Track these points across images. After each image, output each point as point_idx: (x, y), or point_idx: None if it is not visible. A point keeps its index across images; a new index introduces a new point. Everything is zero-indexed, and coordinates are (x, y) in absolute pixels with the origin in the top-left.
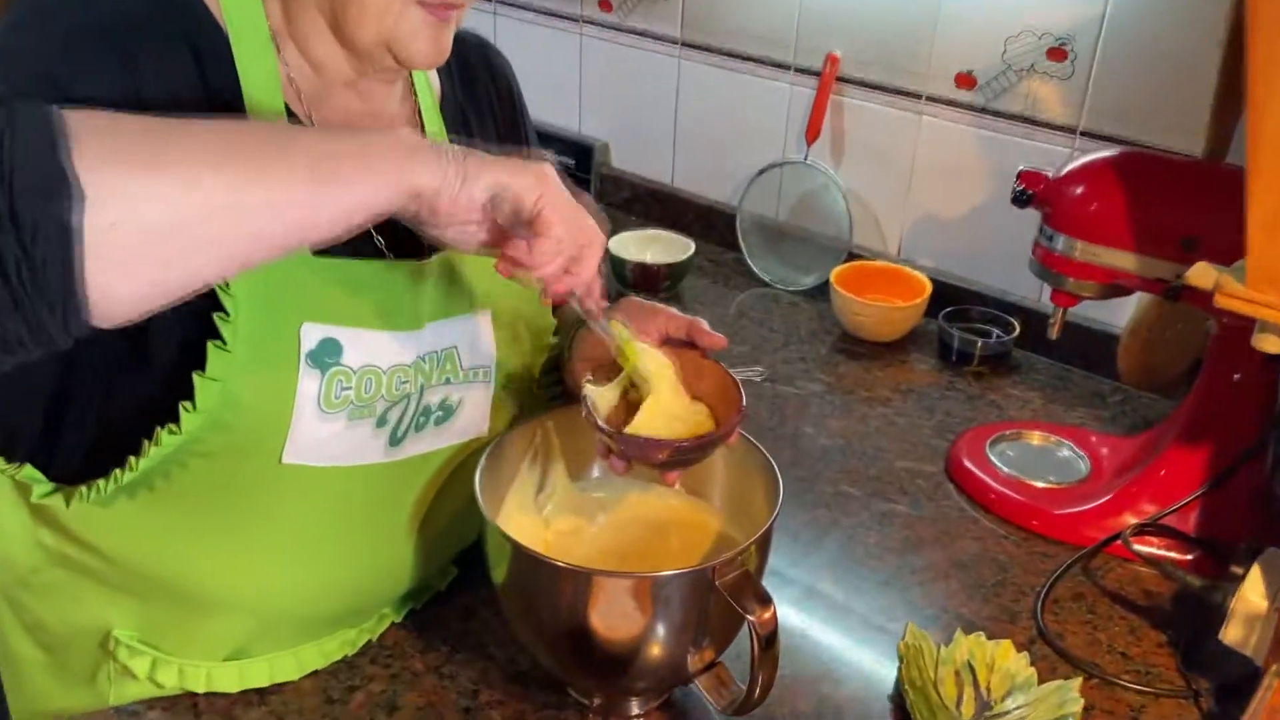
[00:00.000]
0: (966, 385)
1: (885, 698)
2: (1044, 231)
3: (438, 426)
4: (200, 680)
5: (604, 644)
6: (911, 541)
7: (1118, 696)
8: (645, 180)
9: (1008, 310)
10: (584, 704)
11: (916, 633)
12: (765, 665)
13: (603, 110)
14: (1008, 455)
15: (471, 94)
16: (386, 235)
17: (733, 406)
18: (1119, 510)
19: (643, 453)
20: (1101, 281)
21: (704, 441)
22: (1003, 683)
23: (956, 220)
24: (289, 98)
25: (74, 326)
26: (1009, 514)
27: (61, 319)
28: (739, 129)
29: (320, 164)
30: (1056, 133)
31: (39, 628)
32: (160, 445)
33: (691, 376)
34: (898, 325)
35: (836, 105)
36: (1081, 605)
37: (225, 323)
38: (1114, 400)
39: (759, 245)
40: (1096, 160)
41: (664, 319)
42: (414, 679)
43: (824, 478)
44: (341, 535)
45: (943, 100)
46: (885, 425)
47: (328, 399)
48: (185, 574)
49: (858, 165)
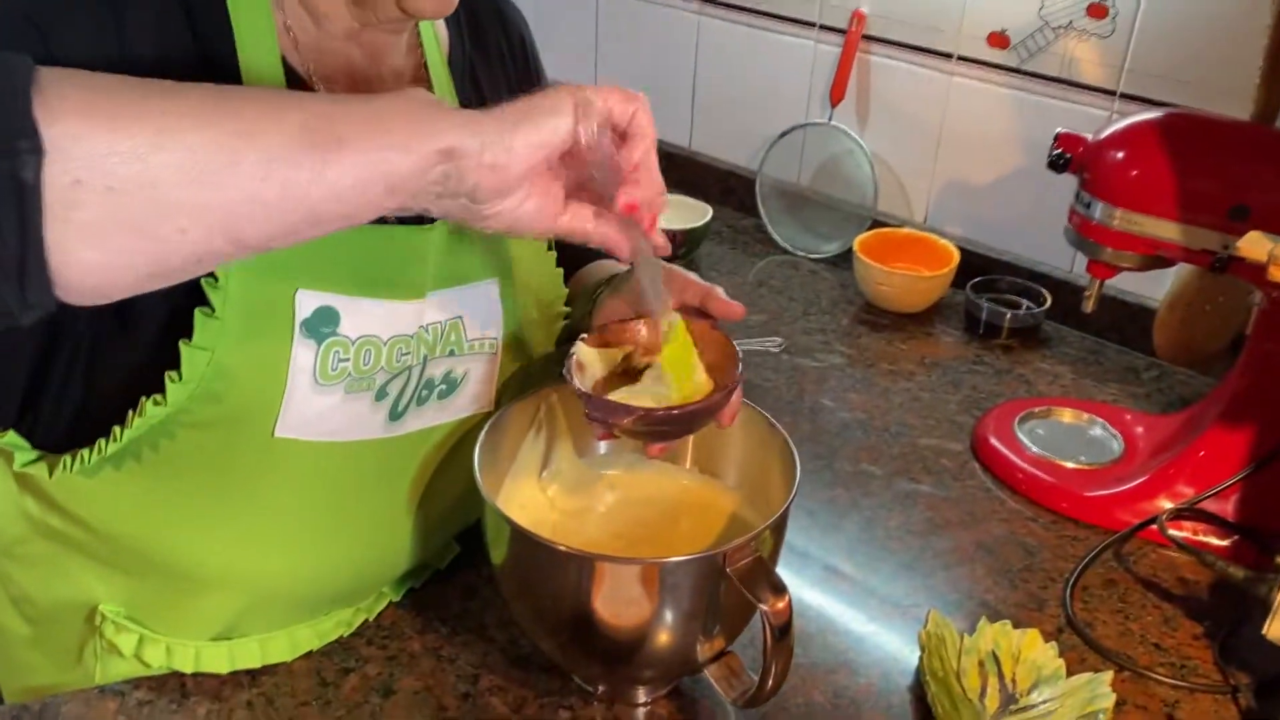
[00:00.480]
0: (994, 359)
1: (905, 689)
2: (1081, 198)
3: (440, 401)
4: (189, 660)
5: (608, 632)
6: (935, 523)
7: (1151, 691)
8: (662, 143)
9: (1038, 281)
10: (588, 691)
11: (939, 620)
12: (779, 656)
13: (619, 70)
14: (1037, 433)
15: (482, 47)
16: None
17: (725, 382)
18: (1154, 493)
19: (607, 416)
20: (1142, 252)
21: (678, 414)
22: (1029, 674)
23: (986, 187)
24: (285, 49)
25: (35, 297)
26: (1037, 495)
27: (18, 287)
28: (760, 90)
29: (319, 121)
30: (1094, 95)
31: (25, 600)
32: (145, 416)
33: (700, 348)
34: (923, 295)
35: (863, 65)
36: (1113, 593)
37: (214, 288)
38: (1149, 376)
39: (779, 211)
40: (1140, 122)
41: (680, 284)
42: (411, 661)
43: (843, 455)
44: (338, 513)
45: (974, 60)
46: (909, 400)
47: (323, 371)
48: (173, 549)
49: (884, 128)
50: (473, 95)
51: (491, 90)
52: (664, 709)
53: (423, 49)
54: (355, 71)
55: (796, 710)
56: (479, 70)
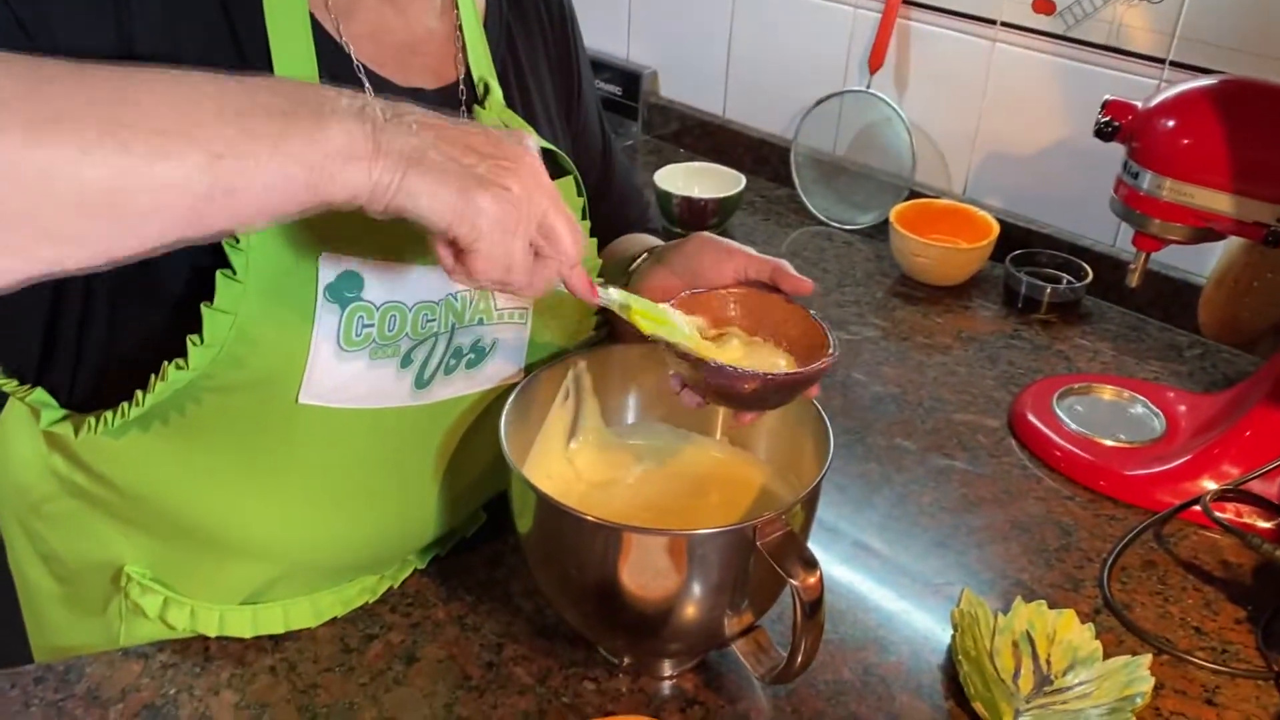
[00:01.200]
0: (1033, 334)
1: (936, 668)
2: (1129, 168)
3: (469, 370)
4: (213, 623)
5: (635, 604)
6: (969, 500)
7: (1190, 675)
8: (695, 110)
9: (1079, 255)
10: (613, 663)
11: (972, 599)
12: (809, 632)
13: (652, 36)
14: (1076, 410)
15: (519, 11)
16: None
17: (819, 353)
18: (1197, 473)
19: (730, 383)
20: (1191, 224)
21: (794, 378)
22: (1064, 656)
23: (1028, 157)
24: (314, 6)
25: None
26: (1075, 474)
27: None
28: (797, 57)
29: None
30: (1142, 63)
31: (53, 558)
32: (167, 380)
33: (776, 322)
34: (961, 268)
35: (903, 31)
36: (1152, 575)
37: (236, 251)
38: (1192, 354)
39: (814, 181)
40: (1193, 89)
41: (742, 260)
42: (435, 629)
43: (876, 429)
44: (365, 481)
45: (1018, 27)
46: (944, 375)
47: (347, 336)
48: (198, 513)
49: (924, 96)
50: (509, 59)
51: (529, 55)
52: (690, 682)
53: (458, 10)
54: (386, 32)
55: (825, 687)
56: (516, 34)
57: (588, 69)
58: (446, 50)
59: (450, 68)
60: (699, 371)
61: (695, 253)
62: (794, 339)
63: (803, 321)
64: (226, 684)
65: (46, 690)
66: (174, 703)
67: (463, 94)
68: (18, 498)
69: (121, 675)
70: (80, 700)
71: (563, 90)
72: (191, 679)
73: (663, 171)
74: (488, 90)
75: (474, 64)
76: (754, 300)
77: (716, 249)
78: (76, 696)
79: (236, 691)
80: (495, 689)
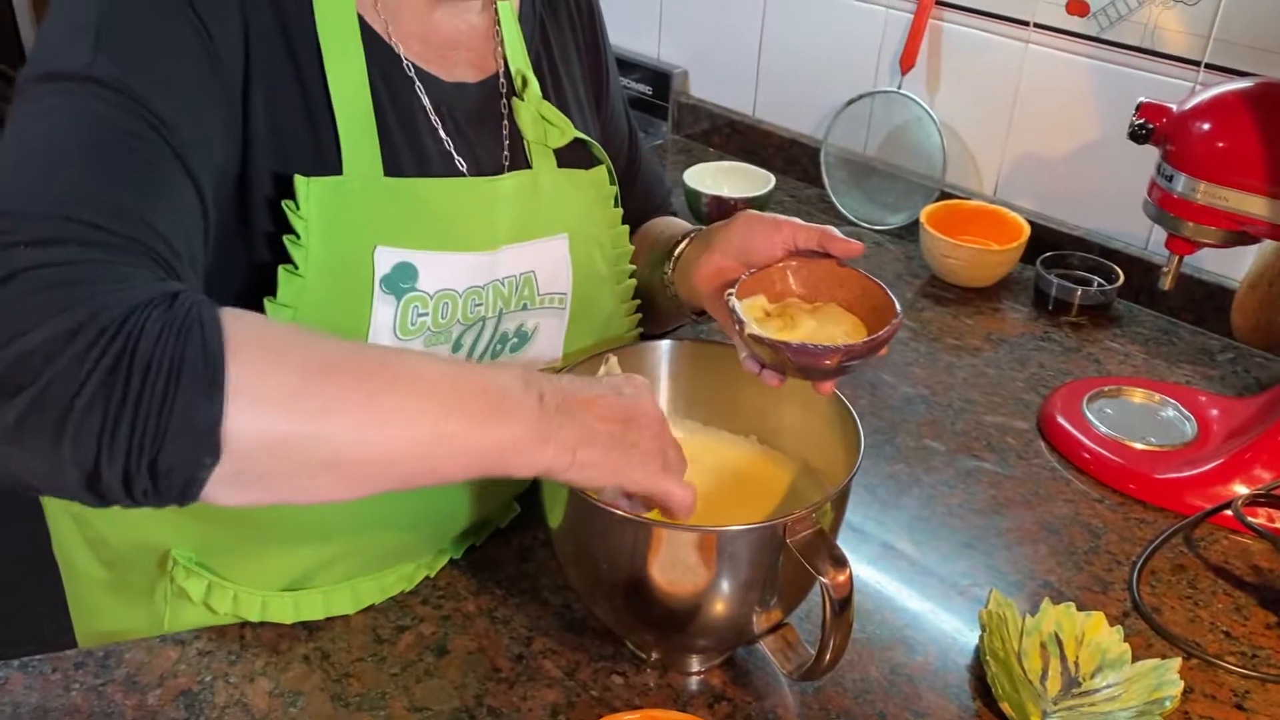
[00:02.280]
0: (1063, 337)
1: (963, 668)
2: (1163, 170)
3: (512, 354)
4: (255, 609)
5: (664, 599)
6: (998, 501)
7: (1220, 680)
8: (725, 110)
9: (1111, 258)
10: (641, 658)
11: (1000, 600)
12: (838, 630)
13: (683, 35)
14: (1106, 413)
15: (550, 5)
16: (464, 153)
17: (886, 311)
18: (1229, 477)
19: (814, 360)
20: (1225, 227)
21: (874, 342)
22: (1092, 658)
23: (1060, 159)
24: (363, 8)
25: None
26: (1105, 476)
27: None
28: (828, 57)
29: (438, 443)
30: (1177, 65)
31: (101, 543)
32: None
33: (833, 286)
34: (991, 270)
35: (935, 32)
36: (1182, 579)
37: (296, 246)
38: (1224, 359)
39: (844, 181)
40: (1228, 92)
41: (789, 231)
42: (465, 621)
43: (905, 430)
44: None
45: (1051, 28)
46: (973, 376)
47: (403, 326)
48: None
49: (955, 97)
50: (542, 51)
51: (560, 47)
52: (717, 679)
53: (495, 5)
54: (432, 30)
55: (852, 685)
56: (549, 28)
57: (612, 59)
58: (486, 44)
59: (490, 61)
60: (781, 353)
61: (744, 232)
62: (853, 300)
63: (859, 283)
64: (261, 671)
65: (86, 675)
66: (210, 689)
67: (503, 86)
68: None
69: (159, 661)
70: (119, 685)
71: (592, 80)
72: (227, 666)
73: (692, 170)
74: (525, 83)
75: (511, 58)
76: (809, 269)
77: (764, 224)
78: (116, 681)
79: (271, 679)
80: (525, 681)
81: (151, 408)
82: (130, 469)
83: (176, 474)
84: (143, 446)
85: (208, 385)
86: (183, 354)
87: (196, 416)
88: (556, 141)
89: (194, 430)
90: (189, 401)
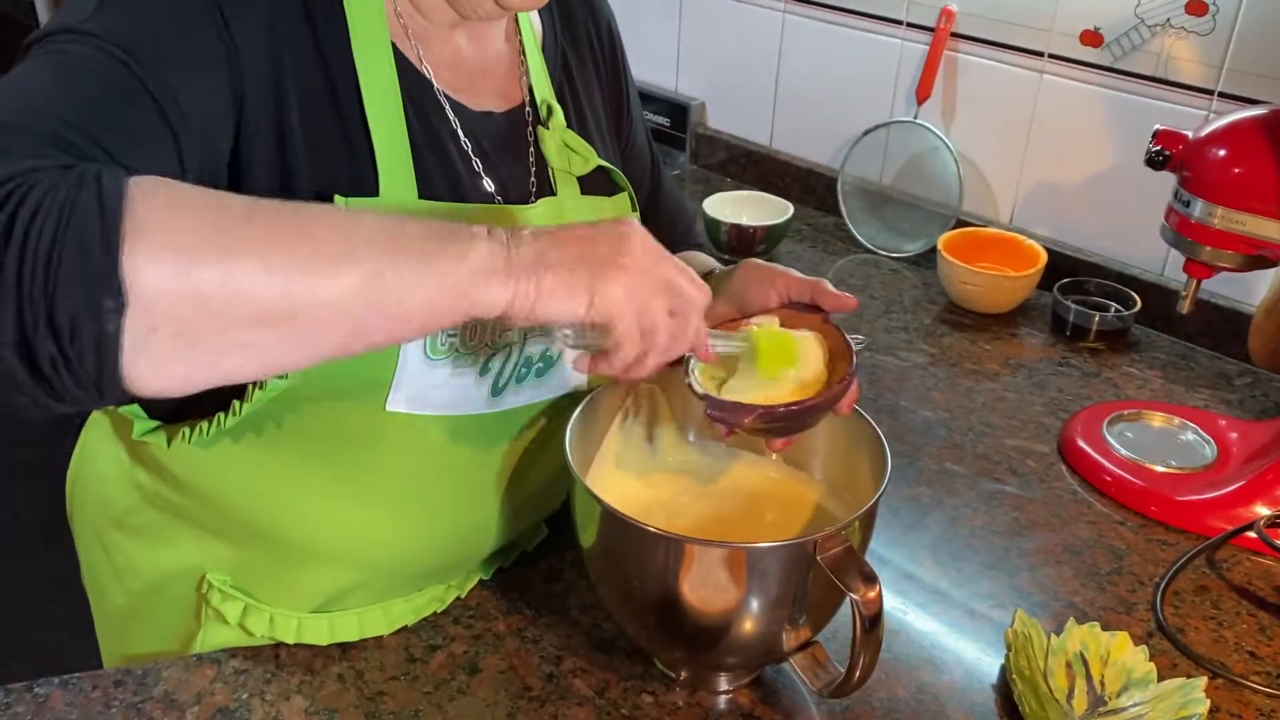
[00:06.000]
0: (1081, 362)
1: (989, 687)
2: (1180, 196)
3: (538, 378)
4: (290, 630)
5: (695, 616)
6: (1020, 524)
7: (1245, 699)
8: (742, 140)
9: (1127, 284)
10: (670, 676)
11: (1026, 620)
12: (867, 646)
13: (701, 68)
14: (1126, 436)
15: (571, 35)
16: (495, 178)
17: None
18: (1250, 499)
19: (729, 416)
20: (1242, 251)
21: (796, 409)
22: (1118, 677)
23: (1075, 187)
24: (395, 35)
25: (112, 401)
26: (1126, 499)
27: (97, 397)
28: (844, 88)
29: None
30: (1191, 94)
31: (130, 571)
32: (264, 390)
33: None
34: (1009, 296)
35: (950, 63)
36: (1205, 599)
37: None
38: (1242, 383)
39: (861, 209)
40: (1244, 119)
41: (784, 282)
42: (496, 641)
43: (926, 454)
44: (441, 486)
45: (1066, 59)
46: (993, 401)
47: (433, 346)
48: (283, 521)
49: (971, 126)
50: (565, 81)
51: (582, 76)
52: (745, 698)
53: (520, 35)
54: (463, 59)
55: (880, 705)
56: (569, 57)
57: (634, 89)
58: (512, 74)
59: (516, 90)
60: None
61: (742, 279)
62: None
63: (835, 339)
64: (296, 690)
65: (125, 692)
66: (246, 707)
67: (528, 115)
68: (99, 512)
69: (196, 680)
70: (158, 703)
71: (613, 109)
72: (263, 685)
73: (711, 200)
74: (550, 111)
75: (536, 87)
76: (793, 322)
77: (760, 274)
78: (154, 699)
79: (306, 697)
80: (555, 700)
81: (39, 252)
82: (27, 327)
83: (81, 328)
84: (33, 296)
85: (101, 225)
86: (75, 199)
87: (91, 253)
88: (580, 169)
89: (89, 269)
90: (81, 240)
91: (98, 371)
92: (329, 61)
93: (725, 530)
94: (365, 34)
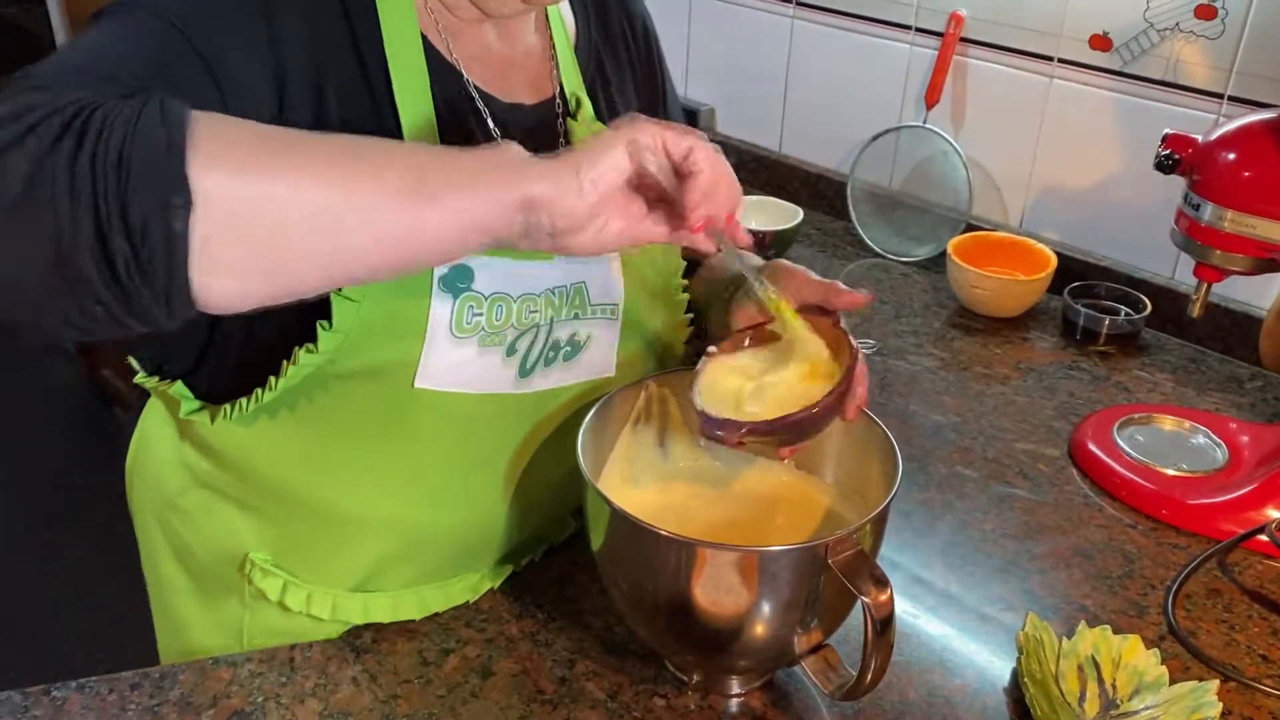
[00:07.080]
0: (1091, 365)
1: (1001, 690)
2: (1190, 200)
3: (566, 362)
4: (326, 607)
5: (706, 619)
6: (1031, 527)
7: (1258, 702)
8: (752, 146)
9: (1138, 287)
10: (682, 680)
11: (1037, 623)
12: (879, 649)
13: (710, 74)
14: (1136, 440)
15: (606, 34)
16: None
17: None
18: (1262, 502)
19: (719, 431)
20: (1253, 254)
21: (789, 421)
22: (1130, 680)
23: (1085, 191)
24: (426, 29)
25: (179, 314)
26: (1137, 502)
27: (166, 308)
28: (853, 93)
29: (412, 178)
30: (1200, 98)
31: (186, 553)
32: (299, 365)
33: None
34: (1019, 300)
35: (959, 67)
36: (1217, 603)
37: None
38: (1253, 386)
39: (870, 214)
40: (1253, 122)
41: (799, 282)
42: (509, 644)
43: (936, 458)
44: (471, 464)
45: (1075, 63)
46: (1003, 405)
47: (459, 324)
48: (320, 496)
49: (980, 131)
50: (597, 77)
51: (615, 73)
52: (757, 701)
53: (551, 29)
54: (493, 52)
55: (891, 708)
56: (603, 54)
57: (671, 86)
58: (542, 67)
59: (546, 83)
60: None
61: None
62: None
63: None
64: (311, 692)
65: (142, 695)
66: (261, 709)
67: (558, 107)
68: (156, 494)
69: (212, 683)
70: (174, 705)
71: (647, 104)
72: (278, 687)
73: None
74: (579, 104)
75: (566, 81)
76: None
77: (780, 275)
78: (170, 702)
79: (321, 700)
80: (568, 703)
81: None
82: (103, 226)
83: (152, 227)
84: (107, 196)
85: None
86: (140, 113)
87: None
88: None
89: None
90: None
91: (168, 275)
92: (364, 56)
93: (737, 534)
94: (396, 26)
